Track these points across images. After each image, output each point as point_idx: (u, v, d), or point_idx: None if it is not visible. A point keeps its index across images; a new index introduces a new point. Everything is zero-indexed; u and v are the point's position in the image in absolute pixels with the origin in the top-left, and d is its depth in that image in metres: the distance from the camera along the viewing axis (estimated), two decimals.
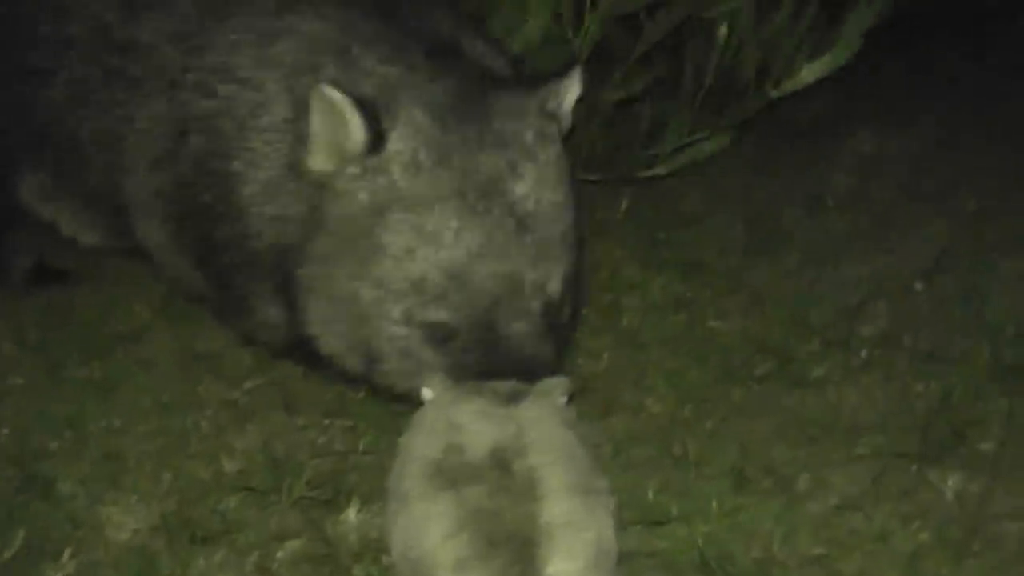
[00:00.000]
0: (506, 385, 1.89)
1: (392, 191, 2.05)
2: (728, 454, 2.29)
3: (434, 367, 2.05)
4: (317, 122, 2.06)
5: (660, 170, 2.96)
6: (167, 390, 2.49)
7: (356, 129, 2.04)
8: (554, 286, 2.12)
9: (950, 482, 2.21)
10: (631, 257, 2.97)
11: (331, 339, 2.19)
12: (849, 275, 2.93)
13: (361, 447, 2.33)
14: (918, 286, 2.85)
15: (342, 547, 2.06)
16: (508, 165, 2.08)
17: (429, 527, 1.68)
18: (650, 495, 2.18)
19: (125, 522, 2.12)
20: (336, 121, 2.04)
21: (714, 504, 2.15)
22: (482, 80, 2.17)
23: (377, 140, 2.05)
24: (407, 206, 2.04)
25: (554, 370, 2.03)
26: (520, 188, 2.08)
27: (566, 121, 2.25)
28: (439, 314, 2.05)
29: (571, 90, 2.22)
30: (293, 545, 2.07)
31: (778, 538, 2.07)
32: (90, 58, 2.41)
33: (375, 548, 2.02)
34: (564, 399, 1.89)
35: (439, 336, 2.07)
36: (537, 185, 2.11)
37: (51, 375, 2.54)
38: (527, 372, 1.96)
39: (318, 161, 2.10)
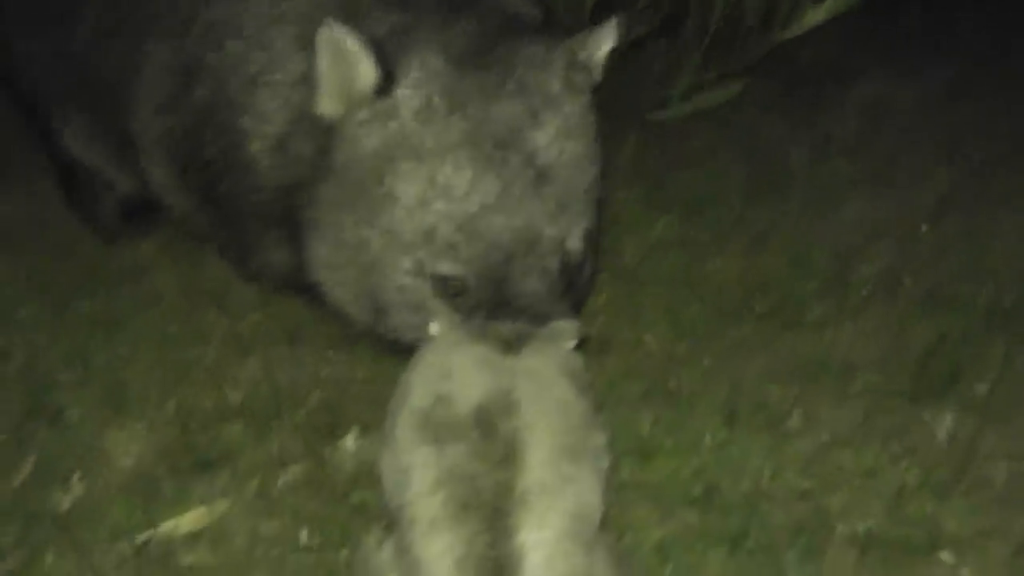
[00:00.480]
0: (513, 328, 1.87)
1: (403, 138, 2.00)
2: (722, 390, 2.36)
3: None
4: (324, 63, 2.00)
5: (670, 115, 2.96)
6: (172, 323, 2.57)
7: (364, 69, 1.98)
8: (574, 243, 2.07)
9: (942, 422, 2.27)
10: (634, 196, 3.00)
11: (337, 286, 2.17)
12: (852, 217, 2.96)
13: (360, 377, 2.41)
14: (923, 228, 2.87)
15: (340, 474, 2.15)
16: (530, 114, 2.02)
17: (410, 480, 1.67)
18: (644, 429, 2.25)
19: (131, 448, 2.22)
20: (344, 62, 1.99)
21: (706, 439, 2.22)
22: (509, 27, 2.11)
23: (386, 82, 1.99)
24: (419, 154, 1.99)
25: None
26: (541, 138, 2.02)
27: (597, 72, 2.19)
28: (450, 267, 2.00)
29: (605, 41, 2.15)
30: (293, 471, 2.16)
31: (767, 473, 2.14)
32: (111, 1, 2.44)
33: (371, 475, 2.06)
34: (571, 344, 1.86)
35: (450, 289, 2.02)
36: (560, 136, 2.04)
37: (58, 308, 2.61)
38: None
39: (326, 105, 2.05)
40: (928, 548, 2.00)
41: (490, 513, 1.61)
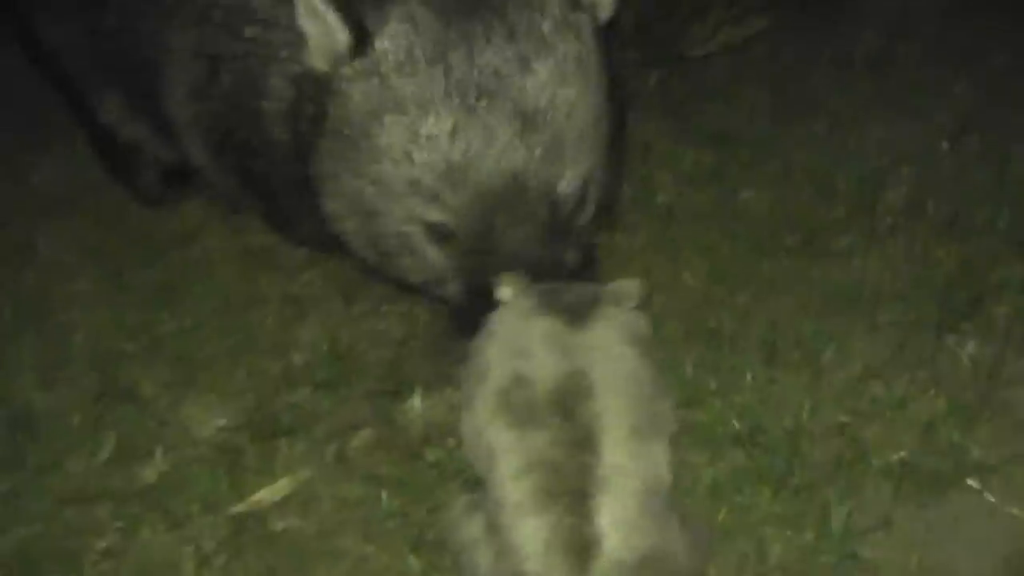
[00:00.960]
0: (578, 291, 2.00)
1: (386, 92, 2.08)
2: (759, 328, 2.52)
3: (438, 265, 2.20)
4: (306, 24, 2.11)
5: (697, 52, 3.04)
6: (228, 288, 2.72)
7: (338, 31, 2.08)
8: (565, 188, 2.13)
9: (966, 348, 2.44)
10: (663, 131, 3.11)
11: (348, 236, 2.30)
12: (875, 139, 3.06)
13: (418, 333, 2.58)
14: (944, 146, 2.98)
15: (410, 433, 2.34)
16: (519, 59, 2.07)
17: (497, 462, 1.85)
18: (687, 370, 2.42)
19: (208, 419, 2.39)
20: (320, 23, 2.09)
21: (747, 377, 2.39)
22: None
23: (360, 42, 2.08)
24: (402, 107, 2.07)
25: (558, 273, 2.13)
26: (531, 84, 2.07)
27: (605, 10, 2.23)
28: (437, 215, 2.11)
29: None
30: (365, 434, 2.34)
31: (807, 409, 2.31)
32: None
33: (441, 433, 2.29)
34: (633, 304, 2.01)
35: (440, 235, 2.14)
36: (552, 81, 2.09)
37: (114, 280, 2.75)
38: (530, 276, 2.05)
39: (316, 61, 2.15)
40: (956, 475, 2.18)
41: (573, 496, 1.80)
